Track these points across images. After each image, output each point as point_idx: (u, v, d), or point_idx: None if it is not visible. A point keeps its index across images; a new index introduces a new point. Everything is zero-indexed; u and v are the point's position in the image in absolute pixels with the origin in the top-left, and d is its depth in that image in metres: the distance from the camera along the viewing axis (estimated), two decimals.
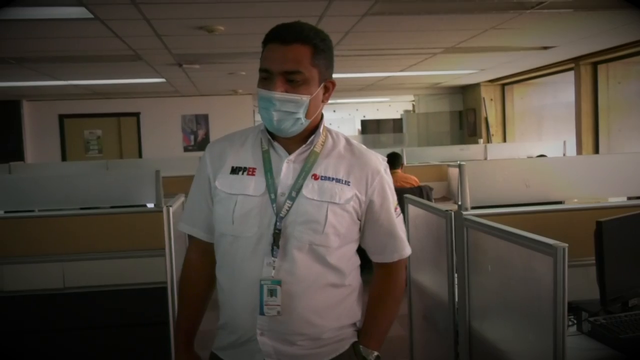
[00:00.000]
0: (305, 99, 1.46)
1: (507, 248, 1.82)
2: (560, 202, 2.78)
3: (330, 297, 1.50)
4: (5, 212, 3.05)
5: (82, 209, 3.15)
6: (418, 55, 6.37)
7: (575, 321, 2.06)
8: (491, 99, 9.47)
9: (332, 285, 1.50)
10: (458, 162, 2.38)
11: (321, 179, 1.50)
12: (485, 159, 6.98)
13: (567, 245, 1.49)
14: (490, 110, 9.42)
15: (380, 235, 1.57)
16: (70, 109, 9.76)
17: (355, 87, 9.70)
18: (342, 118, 12.58)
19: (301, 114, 1.47)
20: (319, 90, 1.49)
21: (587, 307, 2.03)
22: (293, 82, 1.45)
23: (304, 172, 1.50)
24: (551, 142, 7.57)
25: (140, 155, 9.78)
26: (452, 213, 2.29)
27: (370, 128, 13.14)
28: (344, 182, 1.50)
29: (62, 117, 9.87)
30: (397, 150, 6.41)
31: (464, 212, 2.21)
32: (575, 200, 3.53)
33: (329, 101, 1.60)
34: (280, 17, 1.33)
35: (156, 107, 9.91)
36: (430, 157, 7.35)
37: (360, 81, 8.78)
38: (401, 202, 2.76)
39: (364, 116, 13.01)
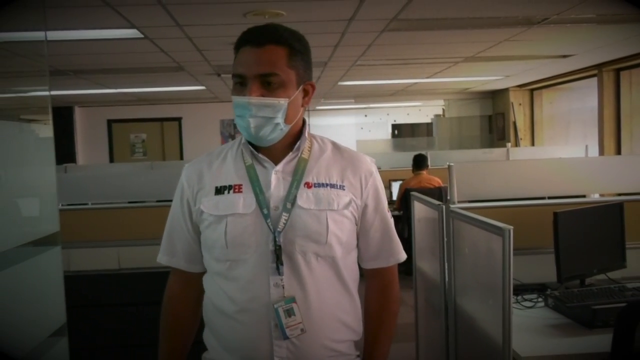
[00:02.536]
0: (284, 102, 1.36)
1: (476, 233, 2.20)
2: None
3: (343, 310, 1.44)
4: (62, 205, 3.56)
5: (130, 202, 3.64)
6: (441, 64, 6.54)
7: (542, 298, 2.44)
8: (520, 104, 9.50)
9: (343, 297, 1.44)
10: (447, 164, 2.77)
11: (315, 187, 1.41)
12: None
13: (512, 227, 1.85)
14: (519, 115, 9.41)
15: (377, 238, 1.50)
16: (118, 114, 10.20)
17: (387, 92, 9.83)
18: (374, 122, 12.92)
19: (280, 119, 1.37)
20: (297, 93, 1.39)
21: (551, 286, 2.41)
22: (269, 85, 1.35)
23: (296, 181, 1.41)
24: (575, 146, 7.67)
25: (181, 158, 10.12)
26: (443, 206, 2.67)
27: (404, 132, 13.40)
28: (338, 186, 1.43)
29: (110, 122, 10.31)
30: (423, 153, 6.62)
31: (452, 206, 2.60)
32: (598, 195, 3.85)
33: (362, 105, 1.65)
34: (305, 34, 1.46)
35: (197, 113, 10.25)
36: (455, 160, 7.44)
37: (390, 87, 8.91)
38: None
39: (395, 120, 13.29)
